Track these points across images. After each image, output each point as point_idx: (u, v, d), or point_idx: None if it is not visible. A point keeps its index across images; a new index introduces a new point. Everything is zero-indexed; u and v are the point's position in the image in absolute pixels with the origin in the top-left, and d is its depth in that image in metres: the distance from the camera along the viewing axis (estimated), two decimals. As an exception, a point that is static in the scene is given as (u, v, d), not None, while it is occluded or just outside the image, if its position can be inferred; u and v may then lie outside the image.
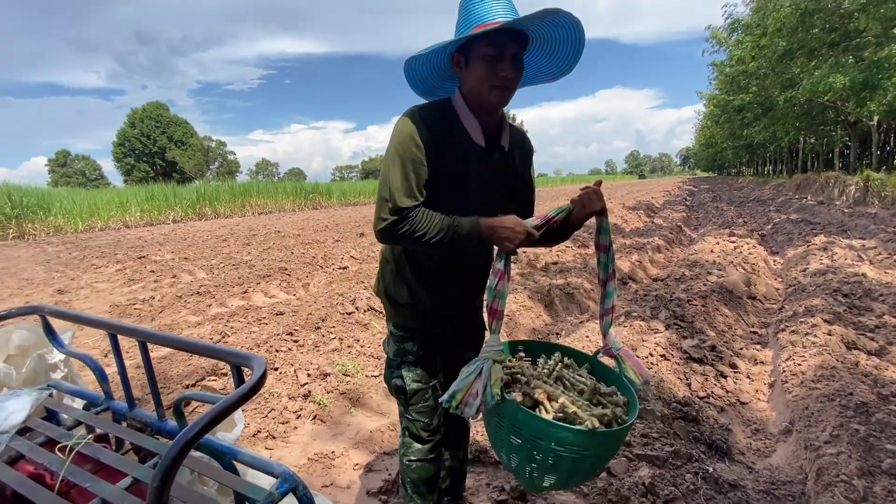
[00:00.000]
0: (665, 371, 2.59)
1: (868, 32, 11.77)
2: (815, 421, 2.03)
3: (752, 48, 16.28)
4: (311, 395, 2.48)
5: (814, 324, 2.96)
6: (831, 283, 3.87)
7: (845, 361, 2.50)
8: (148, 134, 50.76)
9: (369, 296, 4.26)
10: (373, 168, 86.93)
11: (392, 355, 1.37)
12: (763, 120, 21.67)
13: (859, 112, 14.13)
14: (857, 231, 7.37)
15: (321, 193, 25.23)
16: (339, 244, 8.68)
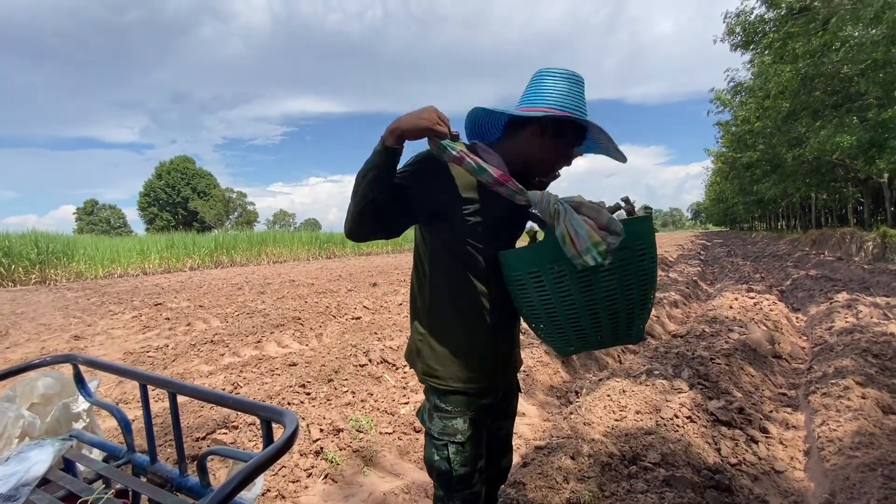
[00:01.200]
0: (692, 434, 2.47)
1: (869, 95, 12.13)
2: (857, 493, 1.90)
3: (756, 109, 16.81)
4: (324, 451, 2.41)
5: (846, 386, 2.83)
6: (860, 343, 3.73)
7: (883, 427, 2.36)
8: (173, 185, 53.04)
9: (382, 347, 4.22)
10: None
11: (437, 434, 1.20)
12: (773, 176, 21.91)
13: (869, 170, 14.25)
14: (881, 288, 7.19)
15: (335, 243, 25.72)
16: (352, 294, 8.71)
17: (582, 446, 2.30)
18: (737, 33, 14.51)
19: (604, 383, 3.22)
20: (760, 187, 24.77)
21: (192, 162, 55.94)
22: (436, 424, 1.21)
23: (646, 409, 2.69)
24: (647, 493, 1.94)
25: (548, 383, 3.72)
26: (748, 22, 14.25)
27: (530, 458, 2.29)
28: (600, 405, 2.76)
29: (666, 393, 2.90)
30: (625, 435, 2.42)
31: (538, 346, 4.19)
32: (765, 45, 13.76)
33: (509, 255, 1.14)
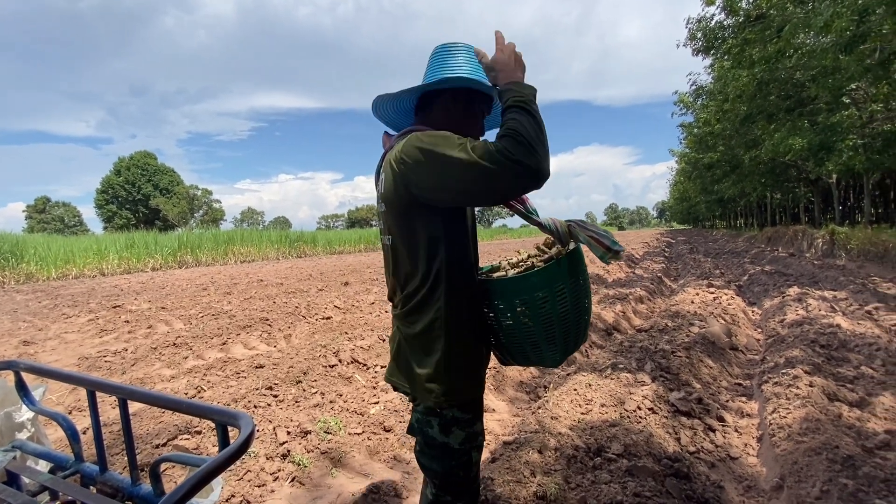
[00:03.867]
0: (654, 425, 2.56)
1: (820, 100, 12.85)
2: (804, 476, 2.01)
3: (716, 112, 17.51)
4: (291, 454, 2.36)
5: (795, 375, 3.00)
6: (808, 334, 3.96)
7: (828, 413, 2.52)
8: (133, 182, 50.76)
9: (353, 347, 4.17)
10: (359, 217, 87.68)
11: (458, 444, 1.16)
12: (731, 177, 22.91)
13: (818, 171, 15.10)
14: (828, 283, 7.64)
15: (306, 242, 25.22)
16: (323, 293, 8.58)
17: (549, 440, 2.35)
18: (698, 39, 15.05)
19: (571, 378, 3.29)
20: (720, 187, 25.85)
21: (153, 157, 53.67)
22: (456, 436, 1.17)
23: (610, 401, 2.76)
24: (610, 483, 2.00)
25: (518, 379, 3.78)
26: (708, 28, 14.81)
27: (498, 454, 2.32)
28: (567, 399, 2.83)
29: (630, 386, 3.00)
30: (590, 428, 2.48)
31: (508, 342, 4.24)
32: (724, 50, 14.34)
33: (521, 280, 1.16)
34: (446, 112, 1.22)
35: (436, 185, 1.04)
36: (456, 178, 1.00)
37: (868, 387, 2.99)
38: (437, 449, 1.18)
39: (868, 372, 3.25)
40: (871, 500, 1.81)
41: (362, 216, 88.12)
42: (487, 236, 47.67)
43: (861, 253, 11.12)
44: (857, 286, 7.17)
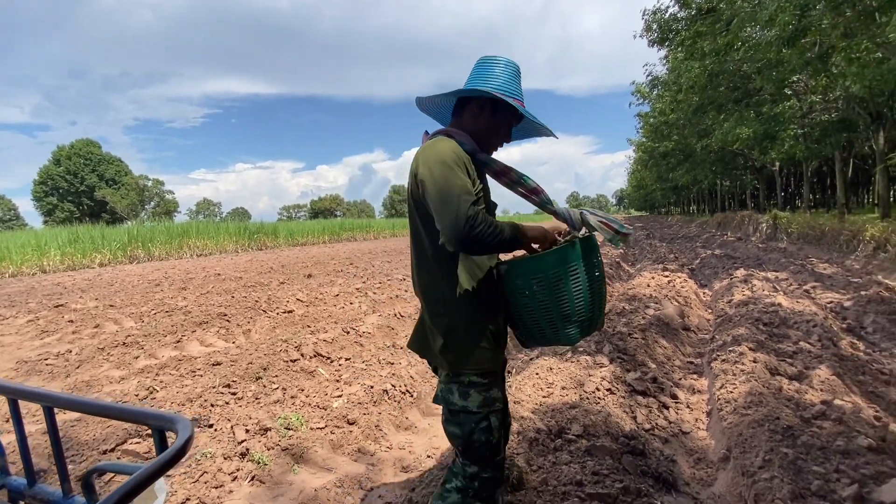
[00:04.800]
0: (612, 405, 2.65)
1: (765, 91, 13.55)
2: (749, 447, 2.14)
3: (670, 102, 18.14)
4: (250, 453, 2.29)
5: (741, 352, 3.18)
6: (753, 313, 4.21)
7: (770, 387, 2.68)
8: (75, 172, 47.40)
9: (316, 341, 4.09)
10: (322, 207, 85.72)
11: (477, 407, 1.28)
12: (685, 165, 23.91)
13: (763, 159, 15.98)
14: (771, 264, 8.14)
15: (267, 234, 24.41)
16: (285, 286, 8.35)
17: (512, 425, 2.39)
18: (653, 30, 15.47)
19: (534, 362, 3.35)
20: (675, 175, 26.95)
21: (97, 146, 50.23)
22: (474, 399, 1.28)
23: (571, 384, 2.84)
24: (570, 463, 2.05)
25: (482, 366, 3.82)
26: (663, 20, 15.24)
27: (463, 441, 2.33)
28: (529, 383, 2.88)
29: (589, 368, 3.08)
30: (551, 410, 2.54)
31: (473, 330, 4.27)
32: (677, 42, 14.83)
33: (537, 260, 1.29)
34: (474, 118, 1.39)
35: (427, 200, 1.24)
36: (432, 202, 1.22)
37: (806, 361, 3.21)
38: (458, 414, 1.29)
39: (806, 347, 3.48)
40: (808, 466, 1.95)
41: (326, 206, 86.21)
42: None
43: (800, 236, 11.91)
44: (796, 267, 7.68)
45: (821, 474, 1.88)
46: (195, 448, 2.45)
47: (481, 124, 1.39)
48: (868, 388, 3.06)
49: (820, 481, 1.84)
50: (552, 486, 1.92)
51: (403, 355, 3.81)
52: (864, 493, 1.75)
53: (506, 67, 1.35)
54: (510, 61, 1.36)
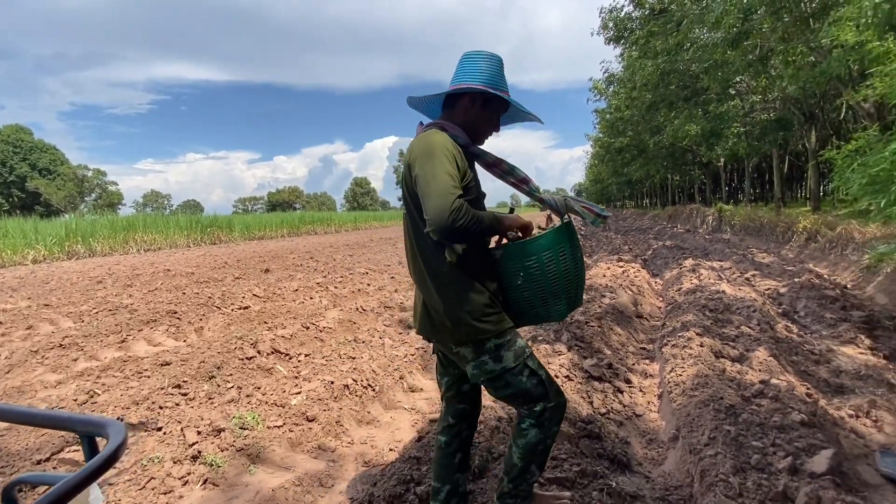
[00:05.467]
0: (570, 391, 2.72)
1: (711, 91, 14.27)
2: (695, 426, 2.26)
3: (625, 99, 18.78)
4: (202, 455, 2.19)
5: (689, 337, 3.36)
6: (700, 301, 4.45)
7: (715, 369, 2.85)
8: (3, 161, 43.48)
9: (273, 337, 3.96)
10: (280, 200, 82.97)
11: (513, 362, 1.39)
12: (639, 160, 24.88)
13: (709, 155, 16.89)
14: (716, 254, 8.63)
15: (221, 227, 23.36)
16: (241, 282, 8.04)
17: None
18: (609, 28, 15.93)
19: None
20: (629, 169, 27.99)
21: (28, 133, 46.24)
22: (507, 358, 1.39)
23: (531, 373, 2.89)
24: (530, 450, 2.09)
25: (445, 358, 3.83)
26: (619, 18, 15.72)
27: (425, 432, 2.34)
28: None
29: (548, 356, 3.16)
30: (513, 399, 2.58)
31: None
32: (632, 41, 15.35)
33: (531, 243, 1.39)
34: (465, 111, 1.47)
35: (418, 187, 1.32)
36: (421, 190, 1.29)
37: (746, 343, 3.43)
38: (502, 376, 1.39)
39: (747, 331, 3.72)
40: (748, 442, 2.08)
41: (284, 198, 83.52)
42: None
43: (742, 228, 12.70)
44: (738, 257, 8.18)
45: (759, 448, 2.02)
46: (141, 454, 2.32)
47: (472, 117, 1.47)
48: (800, 368, 3.30)
49: (758, 455, 1.97)
50: (513, 473, 1.95)
51: (365, 349, 3.76)
52: (797, 465, 1.89)
53: (491, 61, 1.44)
54: (494, 55, 1.45)
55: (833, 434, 2.32)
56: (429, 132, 1.38)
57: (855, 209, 7.05)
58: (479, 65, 1.43)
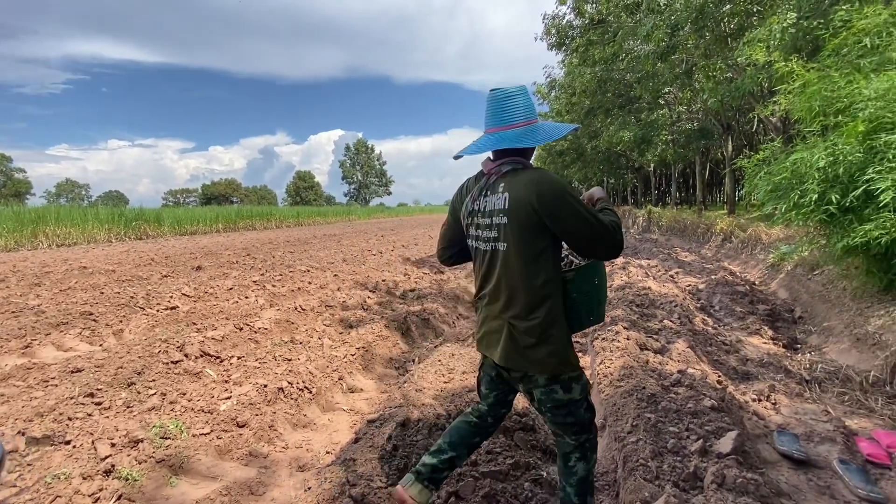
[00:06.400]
0: (507, 387, 2.80)
1: (643, 100, 15.23)
2: (620, 415, 2.41)
3: (566, 104, 19.57)
4: (116, 469, 2.02)
5: (617, 331, 3.57)
6: (628, 296, 4.74)
7: (639, 360, 3.05)
8: None
9: (203, 339, 3.73)
10: (216, 193, 78.12)
11: (579, 395, 1.52)
12: (578, 163, 26.05)
13: (641, 160, 18.03)
14: (645, 253, 9.25)
15: (148, 221, 21.61)
16: (169, 280, 7.50)
17: (412, 412, 2.41)
18: (552, 34, 16.51)
19: (437, 350, 3.42)
20: (569, 172, 29.21)
21: None
22: (576, 389, 1.51)
23: (470, 368, 2.95)
24: (467, 445, 2.13)
25: (387, 356, 3.80)
26: (560, 26, 16.33)
27: (362, 433, 2.31)
28: (432, 371, 2.93)
29: (488, 353, 3.23)
30: (451, 395, 2.61)
31: (377, 322, 4.24)
32: (573, 48, 16.01)
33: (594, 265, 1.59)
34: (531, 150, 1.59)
35: (566, 225, 1.41)
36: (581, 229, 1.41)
37: (668, 336, 3.70)
38: (567, 405, 1.51)
39: (669, 324, 4.02)
40: (666, 428, 2.25)
41: (220, 191, 78.78)
42: (365, 215, 46.46)
43: (669, 228, 13.69)
44: (664, 255, 8.82)
45: (675, 433, 2.19)
46: (46, 470, 2.10)
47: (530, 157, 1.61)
48: (714, 357, 3.62)
49: (674, 440, 2.14)
50: (449, 469, 1.97)
51: (303, 350, 3.64)
52: (706, 447, 2.07)
53: (490, 101, 1.53)
54: (491, 92, 1.54)
55: (738, 417, 2.57)
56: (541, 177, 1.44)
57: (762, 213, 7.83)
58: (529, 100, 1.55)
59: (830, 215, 3.86)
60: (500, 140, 1.48)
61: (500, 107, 1.50)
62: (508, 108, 1.49)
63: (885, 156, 3.49)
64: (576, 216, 1.38)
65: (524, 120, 1.49)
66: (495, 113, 1.50)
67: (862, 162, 3.67)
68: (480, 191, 1.55)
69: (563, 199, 1.38)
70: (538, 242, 1.43)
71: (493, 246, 1.51)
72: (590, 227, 1.39)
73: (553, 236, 1.43)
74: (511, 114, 1.48)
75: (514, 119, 1.48)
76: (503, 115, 1.49)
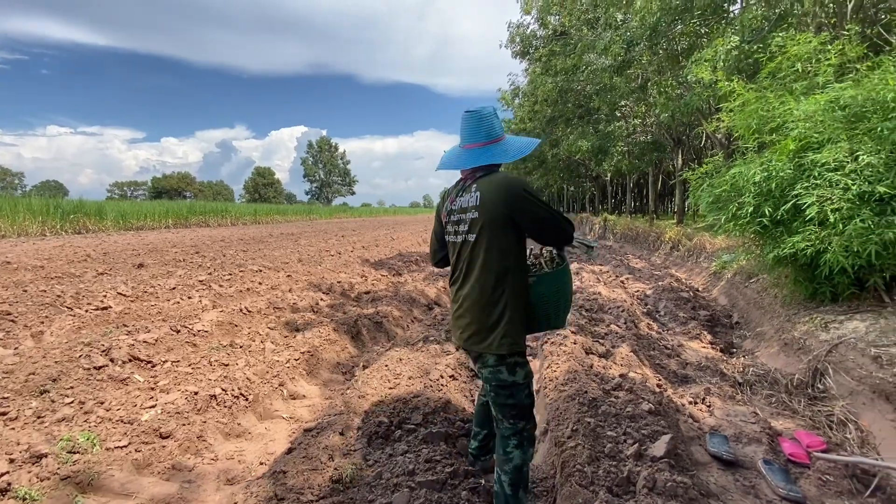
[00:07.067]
0: (453, 391, 2.77)
1: (602, 111, 15.76)
2: (562, 420, 2.42)
3: (529, 111, 19.96)
4: (12, 488, 1.81)
5: (565, 335, 3.62)
6: (578, 301, 4.84)
7: (584, 364, 3.09)
8: None
9: (133, 342, 3.47)
10: (168, 186, 74.12)
11: (522, 379, 1.70)
12: (539, 170, 26.61)
13: (598, 169, 18.64)
14: (599, 259, 9.52)
15: (89, 214, 20.17)
16: (105, 278, 6.99)
17: (353, 420, 2.32)
18: (516, 43, 16.79)
19: (385, 354, 3.34)
20: (532, 178, 29.80)
21: None
22: (520, 373, 1.69)
23: (417, 373, 2.89)
24: (406, 454, 2.07)
25: (334, 361, 3.68)
26: (525, 35, 16.65)
27: (297, 443, 2.20)
28: (377, 376, 2.85)
29: (436, 356, 3.18)
30: (395, 401, 2.54)
31: (326, 325, 4.11)
32: (536, 57, 16.36)
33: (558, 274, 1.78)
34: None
35: (530, 216, 1.64)
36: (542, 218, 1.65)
37: (613, 341, 3.79)
38: (509, 387, 1.68)
39: (615, 329, 4.12)
40: (604, 432, 2.28)
41: (172, 185, 74.85)
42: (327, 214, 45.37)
43: (623, 236, 14.19)
44: (617, 261, 9.11)
45: (613, 438, 2.22)
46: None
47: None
48: (656, 361, 3.74)
49: (612, 444, 2.16)
50: (385, 479, 1.91)
51: (242, 355, 3.46)
52: (642, 451, 2.11)
53: (462, 120, 1.76)
54: (494, 110, 1.77)
55: (674, 420, 2.64)
56: (510, 182, 1.66)
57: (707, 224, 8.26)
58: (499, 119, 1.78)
59: (764, 227, 4.09)
60: (479, 157, 1.72)
61: (477, 127, 1.74)
62: (483, 128, 1.73)
63: (812, 173, 3.73)
64: (538, 208, 1.63)
65: (497, 137, 1.73)
66: (473, 132, 1.73)
67: (792, 178, 3.91)
68: (457, 193, 1.79)
69: (525, 196, 1.62)
70: (502, 235, 1.64)
71: (464, 237, 1.72)
72: (550, 216, 1.64)
73: (516, 232, 1.65)
74: (486, 132, 1.72)
75: (490, 136, 1.72)
76: (480, 134, 1.72)
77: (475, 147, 1.73)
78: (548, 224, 1.65)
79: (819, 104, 4.00)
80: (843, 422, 2.78)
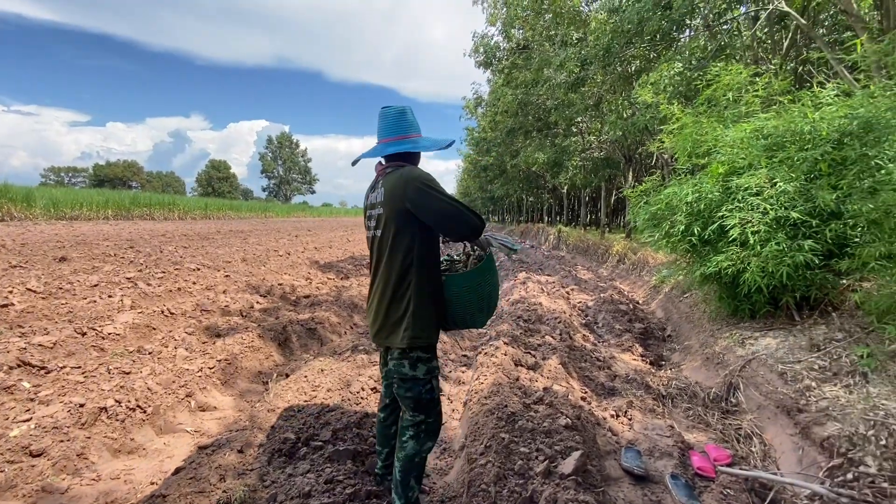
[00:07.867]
0: (373, 404, 2.66)
1: (559, 126, 16.18)
2: (478, 435, 2.37)
3: (490, 121, 20.23)
4: None
5: (497, 346, 3.60)
6: (518, 311, 4.86)
7: (511, 376, 3.07)
8: None
9: (26, 345, 3.14)
10: (112, 175, 69.38)
11: (423, 375, 1.71)
12: (500, 179, 27.01)
13: (554, 181, 19.11)
14: (549, 269, 9.69)
15: (14, 200, 18.49)
16: (17, 271, 6.37)
17: (256, 437, 2.17)
18: (480, 52, 16.99)
19: (309, 364, 3.19)
20: (493, 187, 30.23)
21: None
22: (421, 369, 1.71)
23: (338, 385, 2.76)
24: (307, 473, 1.95)
25: (255, 369, 3.48)
26: (489, 46, 16.87)
27: (187, 463, 2.02)
28: (294, 388, 2.70)
29: (362, 367, 3.07)
30: (308, 416, 2.41)
31: (251, 331, 3.89)
32: (499, 69, 16.60)
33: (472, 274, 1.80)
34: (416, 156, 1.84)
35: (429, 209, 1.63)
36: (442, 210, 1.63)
37: (545, 352, 3.81)
38: (409, 381, 1.71)
39: (549, 340, 4.15)
40: (517, 448, 2.25)
41: (117, 174, 70.18)
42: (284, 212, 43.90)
43: (575, 247, 14.57)
44: (566, 272, 9.30)
45: (525, 454, 2.19)
46: None
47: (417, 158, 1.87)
48: (585, 373, 3.78)
49: (522, 461, 2.13)
50: (280, 502, 1.78)
51: (149, 362, 3.19)
52: (551, 468, 2.09)
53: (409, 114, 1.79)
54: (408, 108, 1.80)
55: (592, 435, 2.66)
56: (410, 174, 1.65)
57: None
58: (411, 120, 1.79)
59: (693, 245, 4.27)
60: (387, 147, 1.74)
61: (391, 122, 1.75)
62: (398, 123, 1.76)
63: (736, 196, 3.93)
64: (437, 200, 1.62)
65: (408, 133, 1.76)
66: (386, 126, 1.75)
67: (719, 200, 4.10)
68: (371, 189, 1.83)
69: (424, 188, 1.61)
70: (404, 229, 1.65)
71: (374, 233, 1.77)
72: (452, 208, 1.62)
73: (420, 227, 1.65)
74: (399, 127, 1.75)
75: (400, 132, 1.75)
76: (393, 129, 1.75)
77: (388, 141, 1.76)
78: (451, 217, 1.62)
79: (745, 132, 4.23)
80: (750, 435, 2.90)
